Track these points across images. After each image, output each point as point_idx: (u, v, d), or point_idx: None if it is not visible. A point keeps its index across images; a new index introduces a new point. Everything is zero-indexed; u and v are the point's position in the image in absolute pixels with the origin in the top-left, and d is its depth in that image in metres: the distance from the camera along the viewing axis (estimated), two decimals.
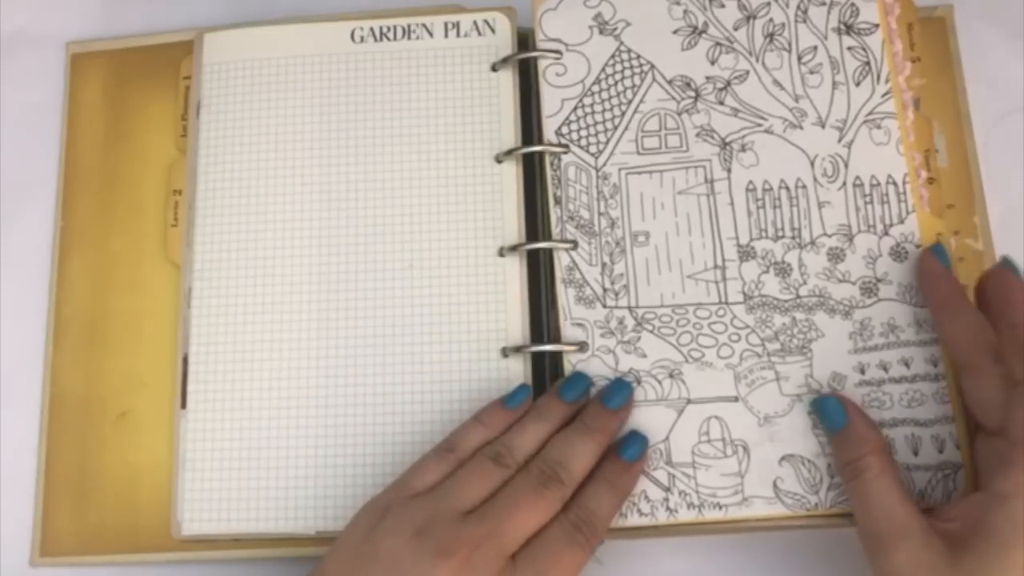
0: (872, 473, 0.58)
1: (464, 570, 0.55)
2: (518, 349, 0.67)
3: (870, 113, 0.67)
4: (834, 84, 0.68)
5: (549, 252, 0.67)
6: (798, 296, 0.64)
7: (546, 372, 0.67)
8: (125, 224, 0.75)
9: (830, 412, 0.61)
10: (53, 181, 0.77)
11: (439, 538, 0.56)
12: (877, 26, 0.68)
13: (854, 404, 0.62)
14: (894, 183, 0.66)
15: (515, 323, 0.67)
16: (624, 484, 0.62)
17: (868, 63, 0.68)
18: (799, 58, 0.68)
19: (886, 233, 0.65)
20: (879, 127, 0.67)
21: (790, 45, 0.68)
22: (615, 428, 0.63)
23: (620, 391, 0.64)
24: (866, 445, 0.59)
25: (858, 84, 0.67)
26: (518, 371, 0.67)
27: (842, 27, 0.68)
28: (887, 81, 0.67)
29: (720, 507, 0.62)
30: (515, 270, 0.68)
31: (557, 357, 0.66)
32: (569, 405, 0.63)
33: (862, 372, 0.63)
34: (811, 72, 0.68)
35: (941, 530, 0.56)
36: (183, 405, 0.68)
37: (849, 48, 0.68)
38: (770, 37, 0.69)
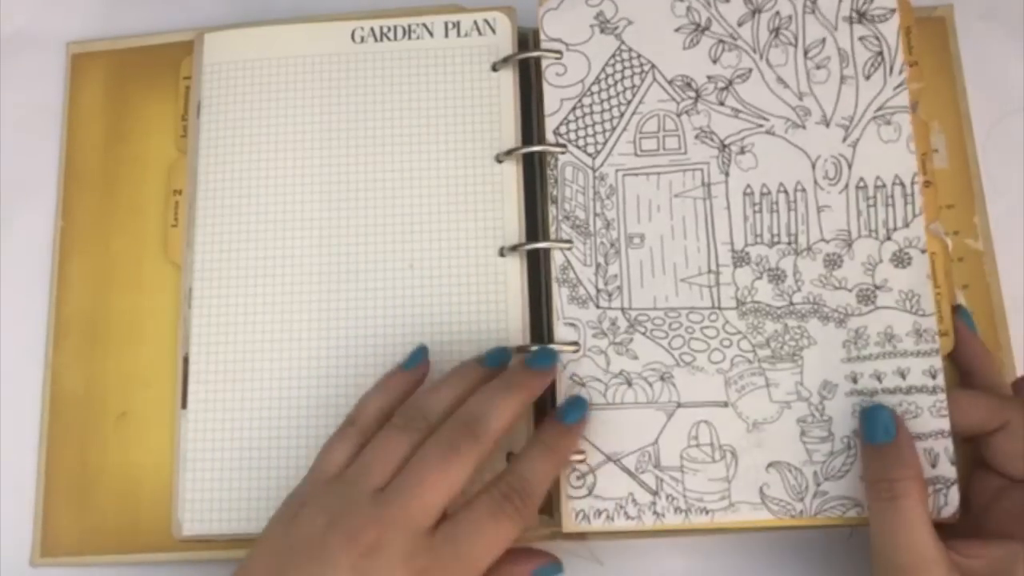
0: (910, 501, 0.56)
1: (373, 553, 0.54)
2: (519, 349, 0.66)
3: (880, 108, 0.66)
4: (842, 78, 0.67)
5: (549, 252, 0.67)
6: (791, 303, 0.64)
7: None
8: (125, 224, 0.75)
9: (879, 423, 0.60)
10: (53, 181, 0.77)
11: (349, 522, 0.55)
12: (894, 11, 0.67)
13: (903, 422, 0.61)
14: (901, 183, 0.65)
15: (515, 323, 0.67)
16: (562, 448, 0.61)
17: (881, 53, 0.66)
18: (805, 52, 0.67)
19: (888, 238, 0.64)
20: (889, 123, 0.66)
21: (796, 39, 0.68)
22: (537, 389, 0.62)
23: (544, 355, 0.63)
24: (908, 468, 0.58)
25: (868, 77, 0.66)
26: None
27: (854, 15, 0.67)
28: (900, 72, 0.66)
29: (707, 512, 0.62)
30: (515, 270, 0.68)
31: None
32: (488, 370, 0.63)
33: (854, 381, 0.63)
34: (818, 67, 0.67)
35: (962, 567, 0.56)
36: (183, 405, 0.69)
37: (861, 38, 0.67)
38: (776, 32, 0.68)
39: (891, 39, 0.67)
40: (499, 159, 0.70)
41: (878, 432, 0.60)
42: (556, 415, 0.63)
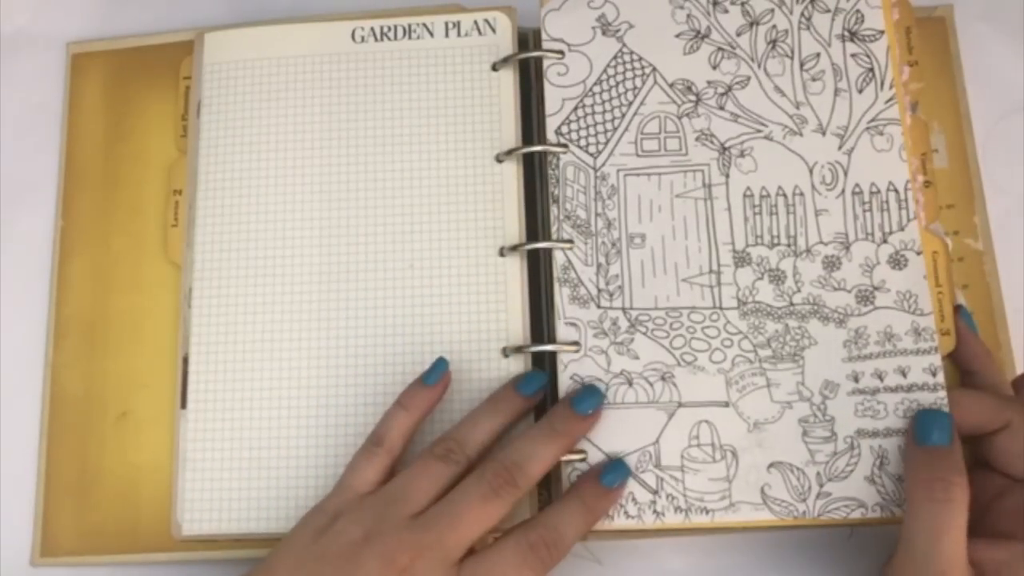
0: (962, 506, 0.56)
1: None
2: (519, 349, 0.67)
3: (872, 120, 0.67)
4: (836, 91, 0.67)
5: (549, 252, 0.67)
6: (791, 303, 0.64)
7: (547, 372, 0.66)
8: (125, 224, 0.75)
9: (939, 426, 0.60)
10: (53, 181, 0.77)
11: (385, 543, 0.56)
12: (882, 32, 0.68)
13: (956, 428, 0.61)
14: (895, 190, 0.66)
15: (515, 323, 0.67)
16: (600, 509, 0.61)
17: (872, 69, 0.67)
18: (801, 65, 0.68)
19: (884, 241, 0.65)
20: (881, 133, 0.66)
21: (792, 52, 0.68)
22: (580, 434, 0.63)
23: (590, 396, 0.63)
24: (963, 475, 0.57)
25: (861, 91, 0.67)
26: (519, 371, 0.67)
27: (846, 34, 0.68)
28: (891, 87, 0.67)
29: (707, 512, 0.62)
30: (516, 270, 0.68)
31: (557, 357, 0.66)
32: (525, 400, 0.64)
33: (856, 380, 0.63)
34: (813, 79, 0.68)
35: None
36: (183, 405, 0.69)
37: (853, 55, 0.68)
38: (773, 43, 0.68)
39: (881, 58, 0.68)
40: (499, 159, 0.70)
41: (936, 434, 0.60)
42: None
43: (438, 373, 0.64)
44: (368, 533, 0.57)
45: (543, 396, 0.65)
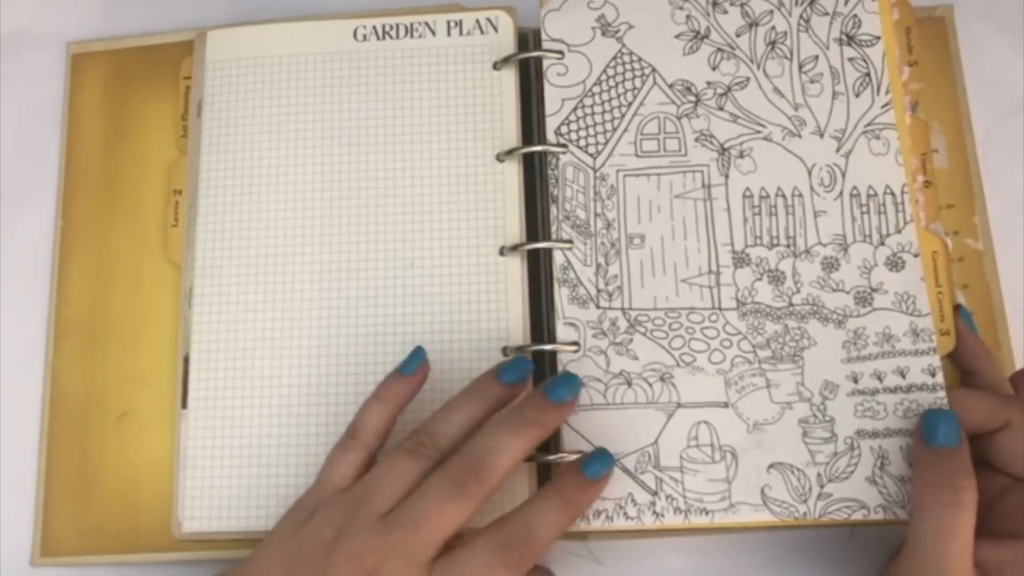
0: (970, 511, 0.55)
1: None
2: (519, 349, 0.66)
3: (869, 124, 0.67)
4: (834, 94, 0.67)
5: (549, 252, 0.67)
6: (791, 304, 0.64)
7: (547, 372, 0.66)
8: (126, 224, 0.75)
9: (947, 427, 0.59)
10: (53, 181, 0.77)
11: (351, 545, 0.55)
12: (878, 38, 0.68)
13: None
14: (892, 193, 0.66)
15: (516, 322, 0.67)
16: (581, 503, 0.59)
17: (868, 74, 0.67)
18: (800, 67, 0.68)
19: (882, 243, 0.65)
20: (878, 138, 0.66)
21: (791, 53, 0.68)
22: (554, 424, 0.61)
23: (565, 384, 0.61)
24: (970, 477, 0.57)
25: (858, 95, 0.67)
26: None
27: (844, 38, 0.68)
28: (887, 92, 0.67)
29: (707, 512, 0.62)
30: (516, 269, 0.68)
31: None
32: (505, 388, 0.61)
33: (855, 381, 0.63)
34: (811, 81, 0.68)
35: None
36: (184, 405, 0.69)
37: (850, 59, 0.68)
38: (772, 45, 0.68)
39: (877, 63, 0.68)
40: (500, 158, 0.70)
41: (948, 436, 0.59)
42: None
43: (416, 362, 0.63)
44: (338, 533, 0.56)
45: (528, 386, 0.63)
